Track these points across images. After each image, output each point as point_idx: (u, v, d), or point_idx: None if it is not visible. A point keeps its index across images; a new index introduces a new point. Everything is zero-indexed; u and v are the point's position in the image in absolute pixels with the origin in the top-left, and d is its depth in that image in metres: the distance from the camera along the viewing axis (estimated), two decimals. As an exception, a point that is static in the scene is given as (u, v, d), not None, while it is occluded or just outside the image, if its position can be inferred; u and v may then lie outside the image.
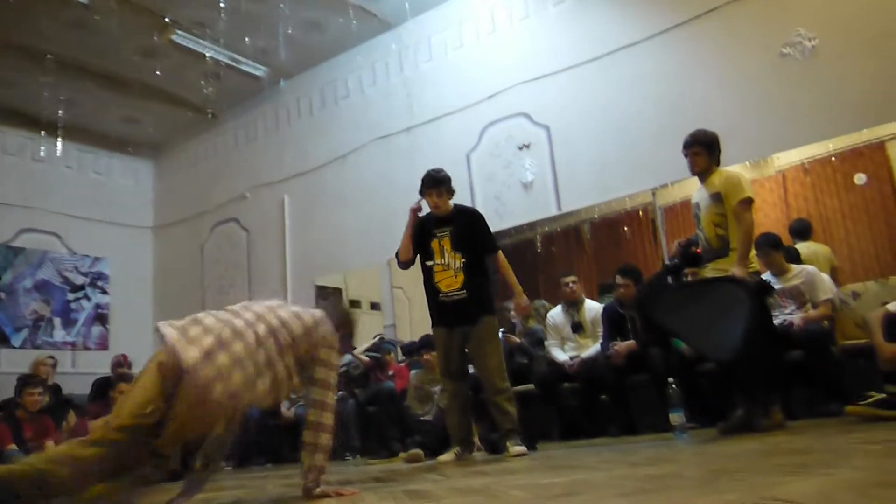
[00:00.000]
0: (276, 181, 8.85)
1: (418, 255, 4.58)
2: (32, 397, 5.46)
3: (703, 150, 4.09)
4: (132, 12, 7.09)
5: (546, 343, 5.78)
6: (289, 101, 8.87)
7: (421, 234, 4.52)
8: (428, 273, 4.49)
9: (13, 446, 5.17)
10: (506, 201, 7.04)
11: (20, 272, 8.67)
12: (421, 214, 4.56)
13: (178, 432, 2.27)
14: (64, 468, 2.10)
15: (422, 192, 4.50)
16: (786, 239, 5.37)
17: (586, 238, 7.09)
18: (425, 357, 5.70)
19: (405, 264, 4.60)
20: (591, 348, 5.51)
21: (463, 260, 4.38)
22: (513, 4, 7.21)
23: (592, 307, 5.73)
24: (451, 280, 4.39)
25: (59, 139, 8.74)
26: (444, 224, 4.48)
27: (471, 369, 4.54)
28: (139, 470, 2.28)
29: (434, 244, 4.46)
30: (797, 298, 4.76)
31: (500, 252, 4.61)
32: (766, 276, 4.59)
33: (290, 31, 7.60)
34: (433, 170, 4.54)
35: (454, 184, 4.56)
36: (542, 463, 3.42)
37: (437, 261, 4.44)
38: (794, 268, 4.84)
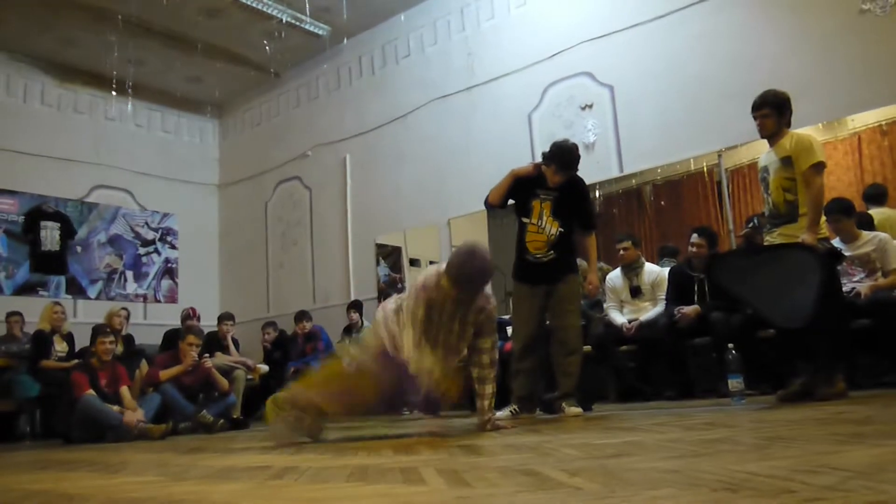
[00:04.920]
0: (337, 140, 8.95)
1: (512, 204, 4.52)
2: (104, 345, 5.73)
3: (773, 112, 3.95)
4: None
5: (604, 305, 5.76)
6: (350, 59, 8.90)
7: (523, 189, 4.43)
8: (521, 229, 4.46)
9: (91, 391, 5.46)
10: (566, 162, 6.94)
11: (94, 227, 9.03)
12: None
13: None
14: None
15: (546, 163, 4.37)
16: (859, 204, 5.19)
17: (648, 200, 6.98)
18: None
19: (491, 207, 4.56)
20: (650, 312, 5.48)
21: (560, 229, 4.34)
22: (578, -40, 7.03)
23: (652, 271, 5.68)
24: (542, 244, 4.36)
25: (130, 98, 9.01)
26: (551, 188, 4.38)
27: None
28: None
29: (535, 204, 4.39)
30: (867, 266, 4.61)
31: (594, 234, 4.57)
32: (836, 242, 4.45)
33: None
34: (569, 149, 4.33)
35: (514, 144, 4.46)
36: (597, 424, 3.44)
37: (534, 220, 4.39)
38: (865, 234, 4.68)
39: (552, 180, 4.36)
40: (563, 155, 4.32)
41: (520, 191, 4.45)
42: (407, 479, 1.72)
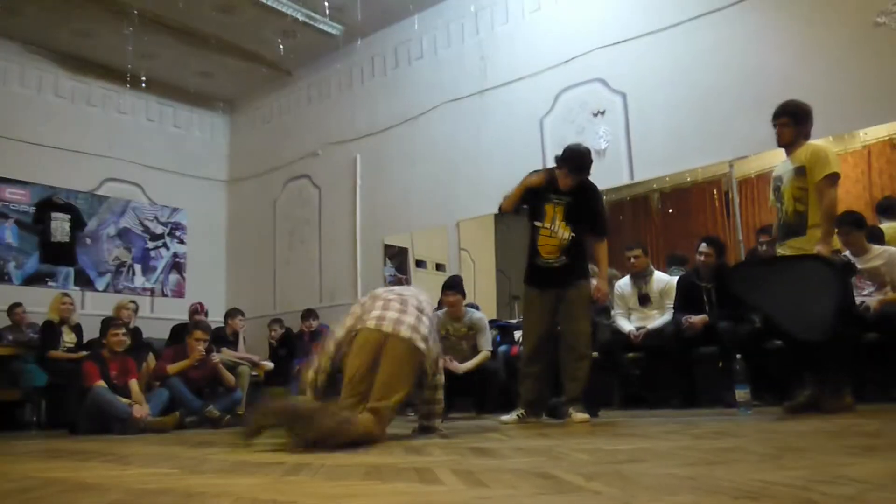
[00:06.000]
0: (347, 140, 8.97)
1: (525, 209, 4.55)
2: (116, 337, 5.76)
3: (791, 122, 3.96)
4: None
5: (612, 312, 5.78)
6: (362, 59, 8.92)
7: (536, 193, 4.46)
8: (533, 233, 4.49)
9: (101, 383, 5.48)
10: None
11: (104, 220, 9.07)
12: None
13: None
14: None
15: (558, 165, 4.40)
16: (870, 217, 5.20)
17: (656, 208, 6.99)
18: (449, 299, 5.56)
19: (505, 213, 4.71)
20: (658, 320, 5.49)
21: (572, 234, 4.37)
22: (593, -34, 7.04)
23: (661, 279, 5.69)
24: (553, 249, 4.39)
25: (142, 92, 9.05)
26: (564, 193, 4.41)
27: None
28: None
29: (548, 208, 4.42)
30: (876, 279, 4.62)
31: (605, 240, 4.56)
32: (846, 255, 4.46)
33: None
34: (581, 153, 4.38)
35: (526, 149, 4.50)
36: (605, 430, 3.46)
37: (546, 224, 4.42)
38: (876, 248, 4.69)
39: (563, 183, 4.38)
40: (576, 158, 4.35)
41: (533, 195, 4.47)
42: (423, 479, 1.74)
